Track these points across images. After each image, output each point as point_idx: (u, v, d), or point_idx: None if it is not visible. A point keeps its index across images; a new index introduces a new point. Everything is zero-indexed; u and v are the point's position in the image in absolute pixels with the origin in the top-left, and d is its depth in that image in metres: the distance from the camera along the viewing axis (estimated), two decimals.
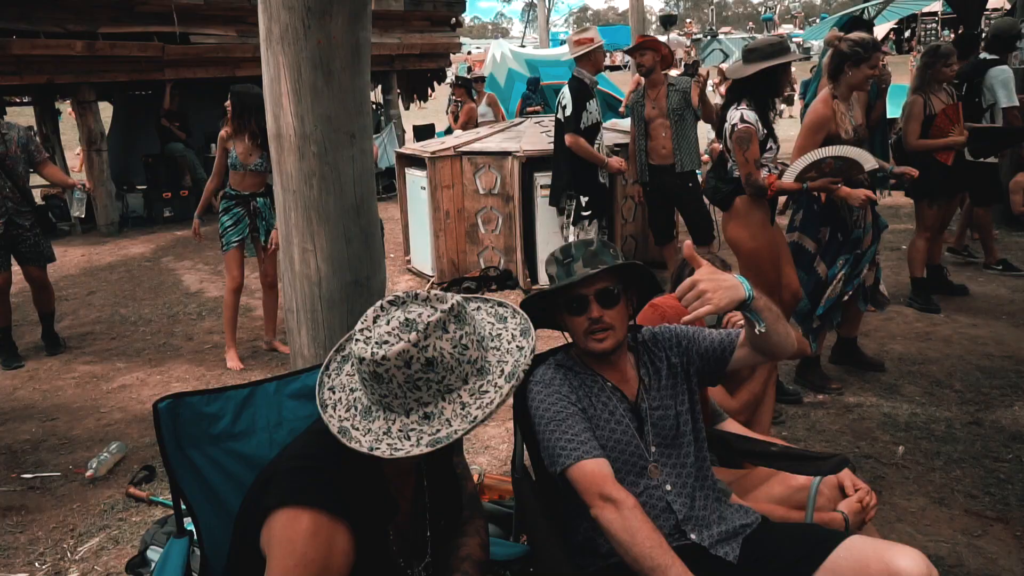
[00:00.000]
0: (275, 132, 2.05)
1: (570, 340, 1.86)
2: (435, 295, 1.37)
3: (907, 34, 29.93)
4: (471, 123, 9.37)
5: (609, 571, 1.66)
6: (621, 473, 1.70)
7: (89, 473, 3.27)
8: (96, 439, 3.68)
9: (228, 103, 4.39)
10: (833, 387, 3.76)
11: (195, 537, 1.62)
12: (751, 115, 3.25)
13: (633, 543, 1.51)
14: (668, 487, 1.76)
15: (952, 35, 21.04)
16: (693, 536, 1.70)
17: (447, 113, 10.45)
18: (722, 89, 10.63)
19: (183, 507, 1.61)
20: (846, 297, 3.68)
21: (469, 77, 10.50)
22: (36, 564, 2.68)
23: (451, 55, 12.79)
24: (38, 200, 6.41)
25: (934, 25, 28.73)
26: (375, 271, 2.21)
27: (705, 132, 8.92)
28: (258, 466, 1.59)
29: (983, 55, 5.26)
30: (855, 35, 3.52)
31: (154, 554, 2.50)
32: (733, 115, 3.29)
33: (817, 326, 3.73)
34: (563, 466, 1.65)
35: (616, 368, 1.82)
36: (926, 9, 26.10)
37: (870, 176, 3.57)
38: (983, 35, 5.82)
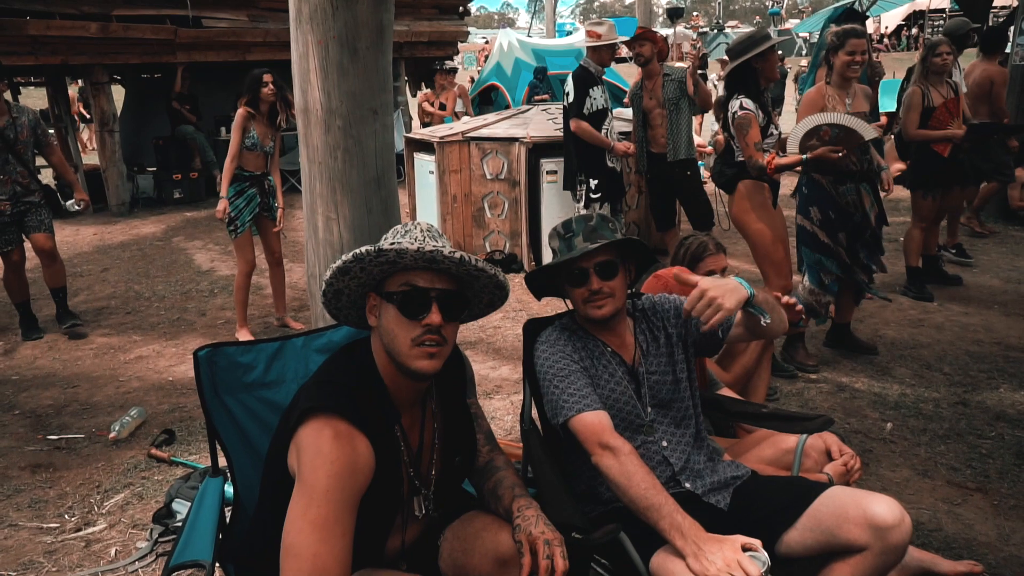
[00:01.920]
0: (303, 106, 2.18)
1: (572, 308, 2.00)
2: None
3: (914, 31, 29.90)
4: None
5: (610, 515, 1.80)
6: (619, 430, 1.83)
7: (112, 435, 3.42)
8: (116, 405, 3.83)
9: (271, 87, 4.40)
10: (809, 364, 3.91)
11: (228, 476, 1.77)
12: (749, 103, 3.54)
13: (630, 486, 1.66)
14: (664, 443, 1.90)
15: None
16: (688, 485, 1.85)
17: (420, 104, 9.57)
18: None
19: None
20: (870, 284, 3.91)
21: (449, 67, 10.39)
22: (66, 516, 2.84)
23: (459, 43, 12.84)
24: (48, 180, 6.51)
25: (941, 22, 28.69)
26: None
27: (710, 123, 9.03)
28: None
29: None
30: (842, 27, 3.80)
31: (179, 506, 2.66)
32: (733, 104, 3.58)
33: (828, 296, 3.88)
34: (565, 417, 1.80)
35: (615, 333, 1.96)
36: (934, 5, 26.08)
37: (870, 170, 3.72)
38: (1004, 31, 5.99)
